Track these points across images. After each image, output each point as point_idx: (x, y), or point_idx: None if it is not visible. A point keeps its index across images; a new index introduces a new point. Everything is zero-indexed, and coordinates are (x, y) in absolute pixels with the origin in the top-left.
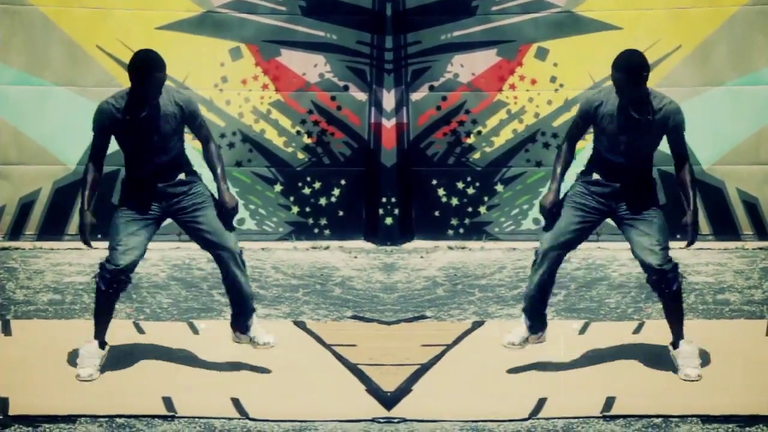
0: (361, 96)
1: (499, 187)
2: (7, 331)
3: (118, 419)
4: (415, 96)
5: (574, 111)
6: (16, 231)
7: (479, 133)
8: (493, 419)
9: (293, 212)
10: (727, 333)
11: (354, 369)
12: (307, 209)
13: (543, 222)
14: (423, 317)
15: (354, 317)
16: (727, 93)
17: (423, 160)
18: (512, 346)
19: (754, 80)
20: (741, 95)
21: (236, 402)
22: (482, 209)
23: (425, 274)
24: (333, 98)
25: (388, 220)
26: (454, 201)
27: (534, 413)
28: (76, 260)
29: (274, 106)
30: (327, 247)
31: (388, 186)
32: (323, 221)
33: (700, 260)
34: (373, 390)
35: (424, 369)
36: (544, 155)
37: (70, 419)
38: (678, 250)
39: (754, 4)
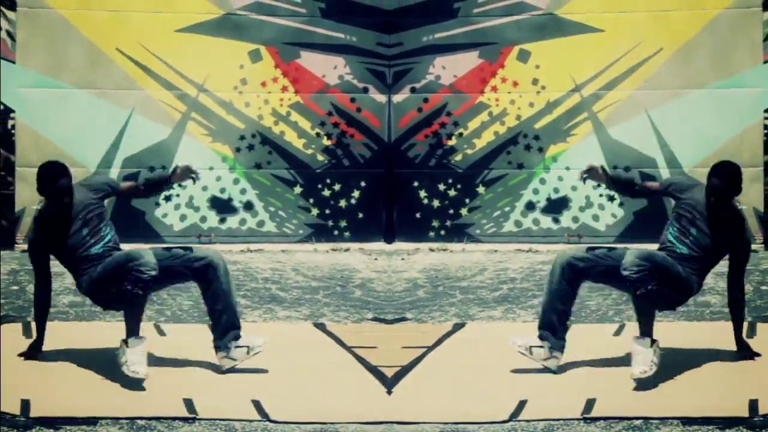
0: (381, 98)
1: (481, 189)
2: (28, 334)
3: (138, 421)
4: (396, 98)
5: (555, 113)
6: None
7: (461, 135)
8: (473, 421)
9: (313, 214)
10: (708, 335)
11: (374, 371)
12: (327, 211)
13: (526, 226)
14: (403, 319)
15: (374, 319)
16: (709, 95)
17: (404, 162)
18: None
19: (736, 83)
20: (723, 98)
21: (257, 404)
22: (463, 211)
23: (406, 276)
24: (353, 100)
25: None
26: (436, 203)
27: (514, 415)
28: None
29: (294, 108)
30: (347, 249)
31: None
32: (343, 223)
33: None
34: (394, 391)
35: (404, 371)
36: (526, 157)
37: (91, 421)
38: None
39: (736, 7)
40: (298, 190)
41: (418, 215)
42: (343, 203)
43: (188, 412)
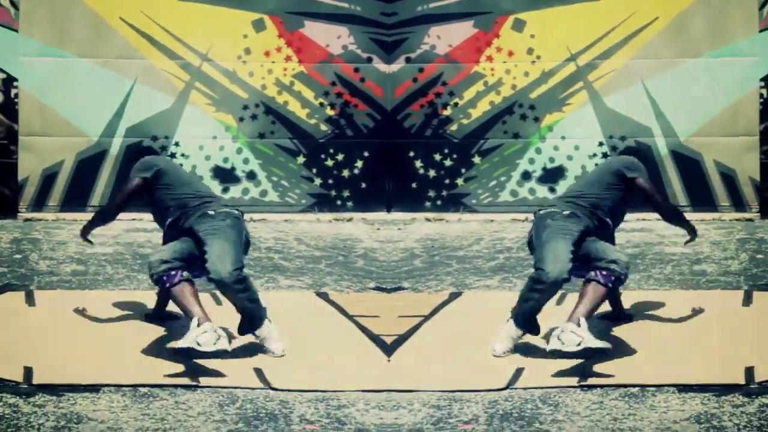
0: (385, 68)
1: (477, 159)
2: (31, 302)
3: (141, 389)
4: (391, 68)
5: (551, 83)
6: (39, 202)
7: (456, 105)
8: (470, 389)
9: (316, 184)
10: (704, 303)
11: (376, 339)
12: (330, 181)
13: (522, 196)
14: (400, 288)
15: (377, 288)
16: (704, 65)
17: (400, 132)
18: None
19: (731, 52)
20: (718, 67)
21: (259, 372)
22: (459, 181)
23: (402, 246)
24: (356, 70)
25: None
26: (432, 173)
27: (511, 383)
28: (99, 232)
29: (297, 78)
30: (350, 219)
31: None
32: (346, 193)
33: (677, 231)
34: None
35: (401, 339)
36: (521, 127)
37: (94, 388)
38: (655, 221)
39: None
40: (301, 159)
41: (414, 185)
42: (346, 173)
43: (191, 380)
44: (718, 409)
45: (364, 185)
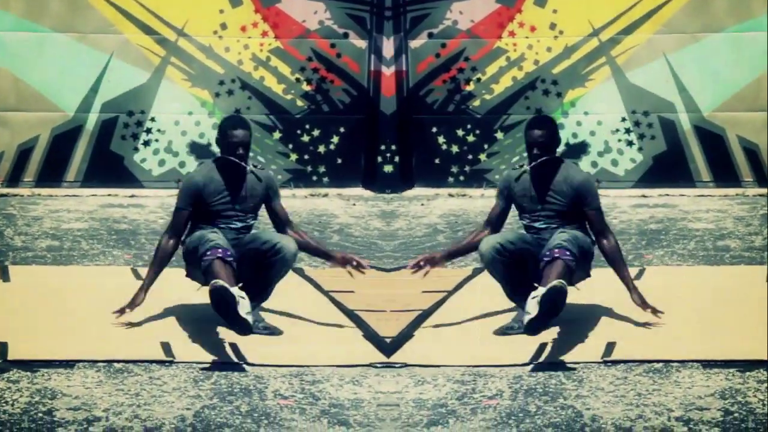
0: (361, 43)
1: (499, 135)
2: (5, 277)
3: (116, 364)
4: (414, 43)
5: (573, 58)
6: (14, 178)
7: (479, 80)
8: (494, 364)
9: (292, 160)
10: (728, 279)
11: (351, 315)
12: (306, 157)
13: None
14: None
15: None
16: (726, 39)
17: (423, 108)
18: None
19: (754, 26)
20: (741, 41)
21: (234, 347)
22: (482, 156)
23: (426, 222)
24: (332, 45)
25: (388, 168)
26: (455, 148)
27: (535, 358)
28: (75, 207)
29: (274, 54)
30: (325, 195)
31: (387, 134)
32: (322, 169)
33: (701, 207)
34: (371, 335)
35: (425, 315)
36: (544, 102)
37: (68, 364)
38: (678, 197)
39: None
40: (277, 135)
41: (437, 161)
42: (322, 149)
43: (166, 356)
44: (743, 385)
45: (340, 161)
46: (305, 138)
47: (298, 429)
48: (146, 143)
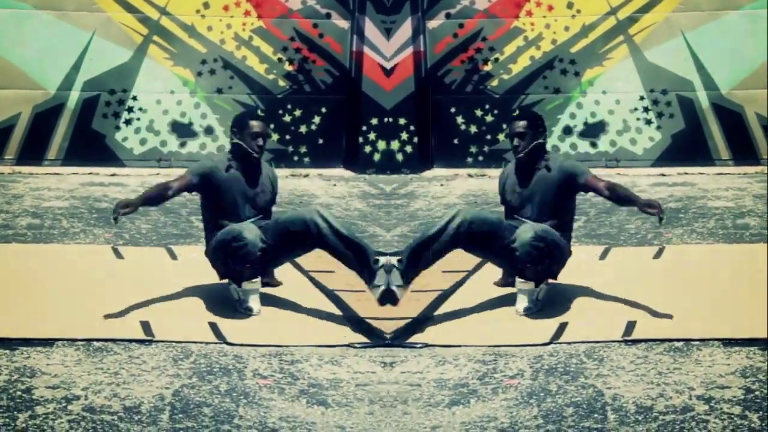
0: (344, 24)
1: None
2: None
3: (95, 343)
4: (431, 24)
5: (591, 37)
6: None
7: (497, 60)
8: (515, 344)
9: (273, 139)
10: (747, 257)
11: (331, 295)
12: (288, 137)
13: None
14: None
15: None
16: (745, 17)
17: (441, 88)
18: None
19: None
20: (759, 19)
21: (214, 326)
22: (501, 136)
23: (445, 202)
24: (315, 25)
25: (408, 149)
26: (473, 128)
27: (555, 337)
28: (55, 185)
29: (256, 33)
30: (306, 175)
31: (405, 114)
32: (303, 149)
33: (720, 185)
34: (350, 316)
35: (445, 295)
36: (562, 82)
37: (48, 342)
38: (697, 175)
39: None
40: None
41: (455, 141)
42: (303, 129)
43: (145, 334)
44: (764, 363)
45: (321, 141)
46: (287, 118)
47: (277, 408)
48: (128, 122)
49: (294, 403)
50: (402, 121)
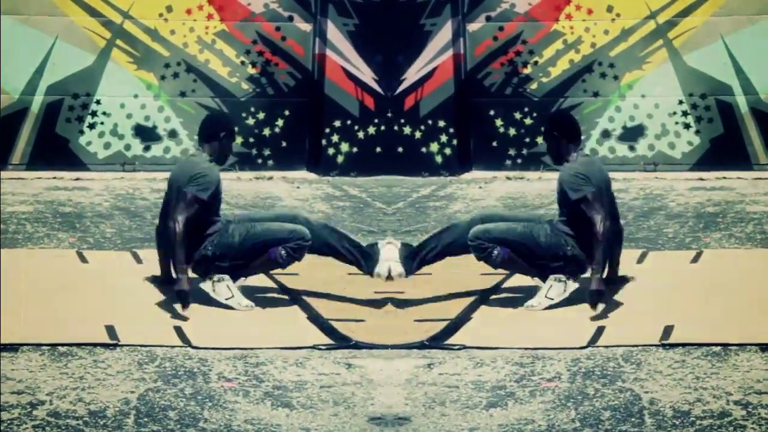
0: (306, 26)
1: None
2: None
3: (60, 347)
4: (471, 26)
5: (630, 41)
6: None
7: (536, 63)
8: (552, 347)
9: (237, 143)
10: None
11: (295, 297)
12: (251, 140)
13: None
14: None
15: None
16: None
17: (480, 91)
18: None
19: None
20: None
21: (179, 330)
22: (540, 139)
23: (483, 204)
24: (277, 29)
25: (447, 151)
26: (512, 131)
27: (593, 341)
28: (19, 189)
29: (219, 36)
30: (270, 178)
31: (445, 117)
32: (267, 152)
33: (758, 189)
34: (314, 317)
35: (483, 297)
36: (601, 85)
37: (12, 348)
38: (736, 179)
39: None
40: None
41: (494, 144)
42: (267, 132)
43: (110, 339)
44: None
45: (284, 144)
46: (250, 121)
47: (242, 411)
48: (91, 126)
49: (259, 406)
50: (441, 123)
